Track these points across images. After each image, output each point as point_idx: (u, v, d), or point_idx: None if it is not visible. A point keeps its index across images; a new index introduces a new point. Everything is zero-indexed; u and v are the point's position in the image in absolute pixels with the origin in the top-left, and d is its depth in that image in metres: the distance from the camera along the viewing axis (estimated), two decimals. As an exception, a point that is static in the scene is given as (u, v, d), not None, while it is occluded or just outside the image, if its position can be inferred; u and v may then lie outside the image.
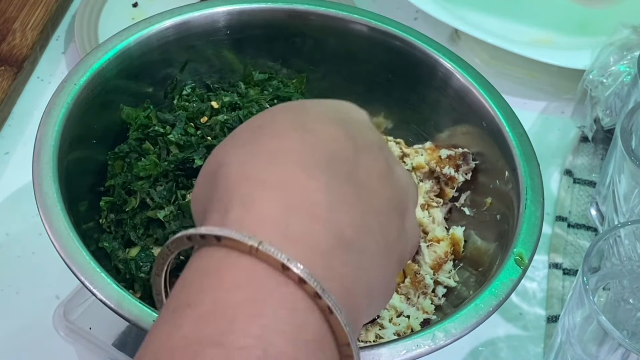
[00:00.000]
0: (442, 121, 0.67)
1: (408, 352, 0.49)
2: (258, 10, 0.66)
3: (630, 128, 0.63)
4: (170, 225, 0.57)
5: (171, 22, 0.64)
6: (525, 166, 0.59)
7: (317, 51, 0.68)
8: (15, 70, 0.78)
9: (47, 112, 0.57)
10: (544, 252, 0.72)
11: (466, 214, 0.65)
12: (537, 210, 0.57)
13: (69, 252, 0.50)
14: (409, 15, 0.89)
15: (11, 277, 0.68)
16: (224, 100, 0.64)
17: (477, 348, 0.66)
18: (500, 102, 0.63)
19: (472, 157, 0.65)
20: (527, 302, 0.69)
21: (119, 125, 0.63)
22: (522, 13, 0.89)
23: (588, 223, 0.74)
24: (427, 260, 0.61)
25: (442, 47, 0.66)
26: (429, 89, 0.67)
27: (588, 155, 0.79)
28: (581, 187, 0.77)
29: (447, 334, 0.50)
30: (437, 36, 0.69)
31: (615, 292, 0.59)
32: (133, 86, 0.64)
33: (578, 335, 0.55)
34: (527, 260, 0.54)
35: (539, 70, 0.84)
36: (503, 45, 0.82)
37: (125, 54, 0.62)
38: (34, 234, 0.68)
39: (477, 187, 0.65)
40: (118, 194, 0.60)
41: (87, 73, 0.60)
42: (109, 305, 0.49)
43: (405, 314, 0.59)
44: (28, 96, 0.81)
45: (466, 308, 0.51)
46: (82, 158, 0.60)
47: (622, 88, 0.76)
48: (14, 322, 0.66)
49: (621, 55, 0.77)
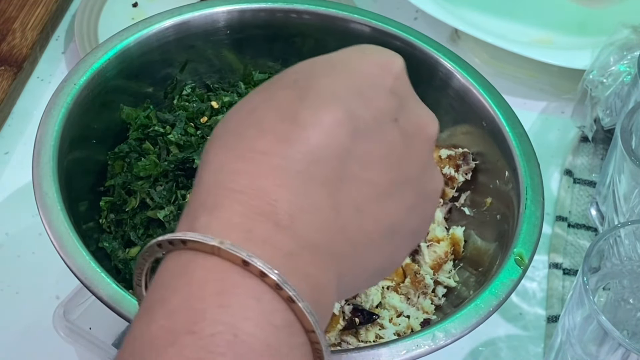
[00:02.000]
0: (442, 121, 0.67)
1: (408, 352, 0.49)
2: (258, 10, 0.66)
3: (630, 128, 0.63)
4: (170, 225, 0.57)
5: (171, 22, 0.64)
6: (525, 166, 0.59)
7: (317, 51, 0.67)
8: (15, 70, 0.78)
9: (47, 112, 0.57)
10: (544, 252, 0.72)
11: (466, 214, 0.65)
12: (537, 210, 0.57)
13: (69, 252, 0.50)
14: (409, 15, 0.89)
15: (11, 277, 0.68)
16: (224, 100, 0.64)
17: (477, 348, 0.66)
18: (500, 102, 0.63)
19: (472, 157, 0.65)
20: (527, 302, 0.69)
21: (119, 125, 0.63)
22: (522, 13, 0.89)
23: (588, 223, 0.74)
24: (427, 260, 0.61)
25: (442, 47, 0.66)
26: (429, 89, 0.66)
27: (588, 155, 0.79)
28: (581, 187, 0.77)
29: (447, 334, 0.50)
30: (437, 36, 0.69)
31: (615, 292, 0.59)
32: (133, 86, 0.64)
33: (578, 335, 0.55)
34: (527, 260, 0.54)
35: (539, 70, 0.84)
36: (503, 45, 0.81)
37: (125, 54, 0.62)
38: (34, 234, 0.68)
39: (477, 187, 0.65)
40: (118, 194, 0.60)
41: (87, 73, 0.60)
42: (109, 305, 0.49)
43: (405, 314, 0.59)
44: (28, 96, 0.81)
45: (466, 308, 0.51)
46: (82, 158, 0.60)
47: (622, 88, 0.76)
48: (14, 322, 0.66)
49: (621, 55, 0.77)
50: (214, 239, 0.35)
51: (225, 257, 0.35)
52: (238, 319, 0.34)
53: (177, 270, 0.36)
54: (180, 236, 0.36)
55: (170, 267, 0.36)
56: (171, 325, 0.34)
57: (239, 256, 0.35)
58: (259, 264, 0.35)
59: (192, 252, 0.36)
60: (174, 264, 0.36)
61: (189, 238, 0.35)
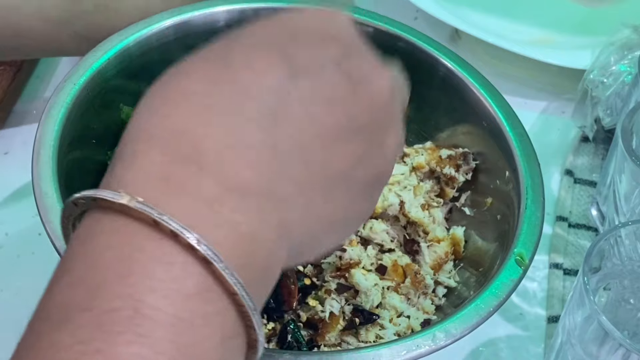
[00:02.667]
0: (443, 121, 0.67)
1: (408, 352, 0.49)
2: (258, 10, 0.66)
3: (631, 128, 0.63)
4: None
5: (171, 21, 0.64)
6: (526, 166, 0.59)
7: (317, 51, 0.68)
8: (15, 70, 0.78)
9: (47, 112, 0.57)
10: (544, 252, 0.72)
11: (466, 214, 0.65)
12: (538, 210, 0.57)
13: (68, 252, 0.50)
14: (409, 15, 0.89)
15: (11, 277, 0.68)
16: (224, 100, 0.64)
17: (478, 348, 0.66)
18: (500, 102, 0.63)
19: (472, 157, 0.65)
20: (527, 302, 0.69)
21: (119, 125, 0.63)
22: (522, 13, 0.89)
23: (589, 223, 0.74)
24: (427, 261, 0.61)
25: (442, 47, 0.66)
26: (429, 88, 0.66)
27: (589, 155, 0.79)
28: (582, 187, 0.77)
29: (447, 334, 0.50)
30: (437, 36, 0.69)
31: (616, 292, 0.59)
32: (133, 86, 0.64)
33: (579, 335, 0.55)
34: (527, 261, 0.54)
35: (539, 70, 0.84)
36: (503, 45, 0.81)
37: (125, 53, 0.62)
38: (34, 234, 0.68)
39: (477, 187, 0.65)
40: (118, 194, 0.60)
41: (87, 73, 0.60)
42: (108, 305, 0.49)
43: (405, 314, 0.59)
44: (28, 96, 0.81)
45: (466, 308, 0.51)
46: (82, 158, 0.60)
47: (623, 88, 0.76)
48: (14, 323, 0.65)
49: (622, 55, 0.77)
50: (122, 196, 0.32)
51: (135, 216, 0.31)
52: (140, 290, 0.30)
53: (83, 235, 0.33)
54: (91, 194, 0.32)
55: (79, 232, 0.33)
56: (67, 301, 0.31)
57: (150, 215, 0.31)
58: (171, 224, 0.31)
59: (102, 211, 0.32)
60: (83, 227, 0.33)
61: (98, 196, 0.32)
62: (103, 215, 0.32)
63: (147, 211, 0.31)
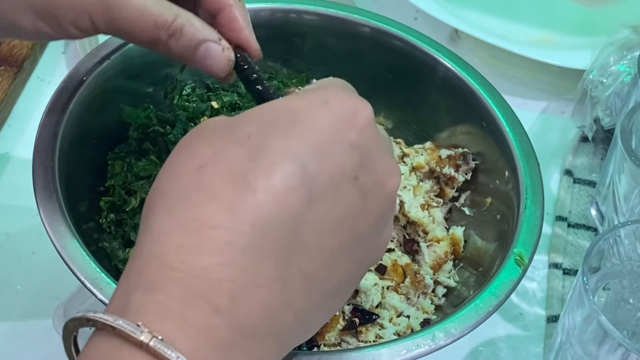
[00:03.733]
0: (442, 121, 0.67)
1: (408, 352, 0.49)
2: (258, 10, 0.66)
3: (630, 128, 0.63)
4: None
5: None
6: (525, 166, 0.59)
7: (317, 51, 0.68)
8: (15, 70, 0.78)
9: (47, 111, 0.57)
10: (544, 252, 0.72)
11: (466, 214, 0.65)
12: (537, 210, 0.57)
13: (69, 252, 0.50)
14: (409, 15, 0.89)
15: (11, 277, 0.68)
16: (224, 100, 0.64)
17: (477, 348, 0.66)
18: (500, 102, 0.63)
19: (472, 157, 0.65)
20: (527, 302, 0.69)
21: (119, 125, 0.63)
22: (522, 13, 0.89)
23: (588, 223, 0.74)
24: (427, 260, 0.61)
25: (442, 47, 0.66)
26: (429, 89, 0.67)
27: (588, 155, 0.79)
28: (581, 187, 0.77)
29: (447, 334, 0.50)
30: (437, 36, 0.69)
31: (615, 292, 0.59)
32: (133, 86, 0.64)
33: (578, 335, 0.55)
34: (527, 260, 0.54)
35: (539, 70, 0.84)
36: (503, 45, 0.82)
37: (125, 54, 0.62)
38: (34, 234, 0.68)
39: (477, 187, 0.65)
40: (118, 194, 0.60)
41: (87, 73, 0.60)
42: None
43: (405, 314, 0.59)
44: (28, 96, 0.81)
45: (466, 308, 0.51)
46: (82, 158, 0.60)
47: (622, 88, 0.76)
48: (14, 322, 0.66)
49: (621, 55, 0.77)
50: (144, 333, 0.33)
51: (153, 354, 0.33)
52: None
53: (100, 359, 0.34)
54: (110, 322, 0.34)
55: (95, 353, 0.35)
56: None
57: (168, 358, 0.33)
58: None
59: (120, 340, 0.34)
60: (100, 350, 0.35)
61: (118, 327, 0.34)
62: (121, 344, 0.34)
63: (167, 354, 0.33)
